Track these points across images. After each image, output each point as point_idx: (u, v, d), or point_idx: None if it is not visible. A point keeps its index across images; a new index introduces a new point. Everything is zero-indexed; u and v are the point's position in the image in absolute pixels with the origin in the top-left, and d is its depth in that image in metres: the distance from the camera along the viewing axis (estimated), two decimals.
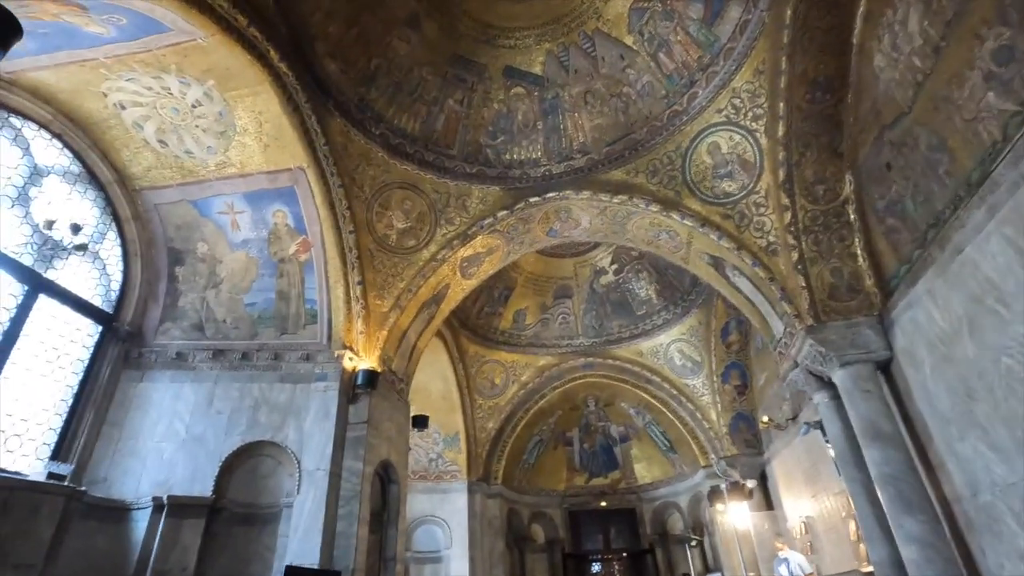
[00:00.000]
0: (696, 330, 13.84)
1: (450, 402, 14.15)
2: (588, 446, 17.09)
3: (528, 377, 15.42)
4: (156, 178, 7.76)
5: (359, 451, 7.43)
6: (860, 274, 7.30)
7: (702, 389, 14.20)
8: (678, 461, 15.80)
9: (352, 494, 7.13)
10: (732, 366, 13.59)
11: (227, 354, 7.75)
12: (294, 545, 6.56)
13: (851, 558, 8.79)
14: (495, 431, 15.06)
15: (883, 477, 6.35)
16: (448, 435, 14.29)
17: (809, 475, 10.39)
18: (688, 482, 15.42)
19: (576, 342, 15.57)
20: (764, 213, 7.96)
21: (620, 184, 9.12)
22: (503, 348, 15.12)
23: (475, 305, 14.49)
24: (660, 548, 15.59)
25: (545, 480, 16.71)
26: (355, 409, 7.77)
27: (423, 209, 9.10)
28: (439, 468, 14.15)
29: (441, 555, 13.18)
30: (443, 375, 13.82)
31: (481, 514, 13.92)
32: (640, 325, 14.99)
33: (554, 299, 15.53)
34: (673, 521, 16.04)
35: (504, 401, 15.23)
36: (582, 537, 16.46)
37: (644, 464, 16.67)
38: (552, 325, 15.60)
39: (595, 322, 15.54)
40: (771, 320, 8.35)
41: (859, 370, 6.94)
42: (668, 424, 15.51)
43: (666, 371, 14.77)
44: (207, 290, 8.13)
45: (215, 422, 7.25)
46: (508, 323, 15.28)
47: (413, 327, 9.35)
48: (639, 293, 14.84)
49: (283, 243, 8.19)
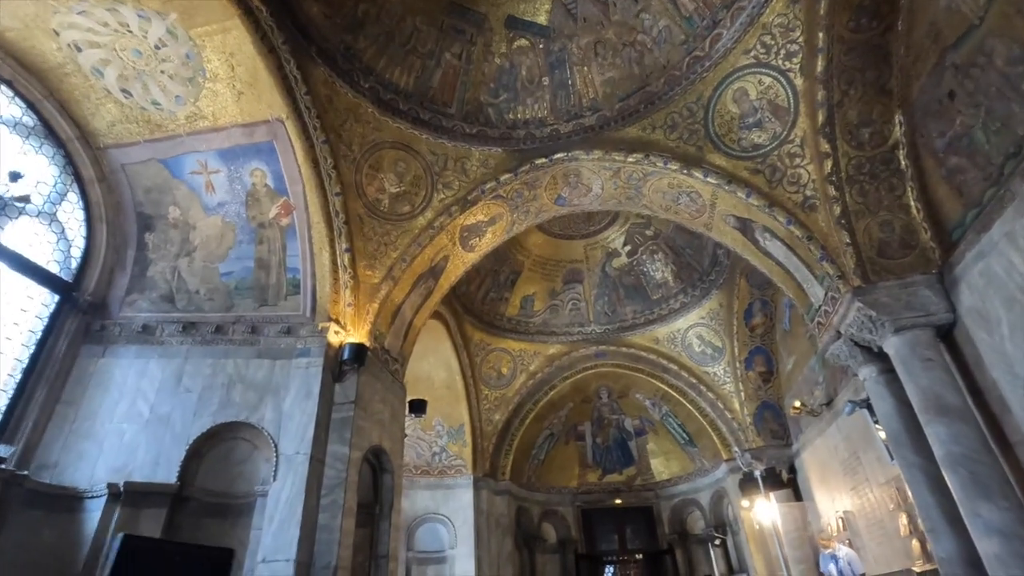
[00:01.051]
0: (716, 313, 12.89)
1: (454, 392, 13.31)
2: (601, 441, 16.15)
3: (537, 367, 14.54)
4: (122, 134, 7.02)
5: (345, 434, 6.60)
6: (914, 228, 6.37)
7: (724, 377, 13.23)
8: (698, 455, 14.81)
9: (336, 482, 6.30)
10: (756, 351, 12.62)
11: (199, 327, 6.98)
12: (267, 539, 5.74)
13: (901, 556, 7.81)
14: (502, 424, 14.19)
15: (951, 458, 5.41)
16: (452, 427, 13.44)
17: (848, 465, 9.41)
18: (709, 477, 14.43)
19: (587, 329, 14.67)
20: (800, 164, 7.05)
21: (635, 142, 8.26)
22: (510, 336, 14.26)
23: (480, 290, 13.66)
24: (679, 548, 14.60)
25: (556, 477, 15.80)
26: (341, 388, 6.95)
27: (418, 172, 8.29)
28: (443, 462, 13.30)
29: (445, 555, 12.32)
30: (446, 363, 12.99)
31: (488, 512, 13.05)
32: (656, 310, 14.06)
33: (564, 284, 14.66)
34: (693, 520, 15.05)
35: (512, 392, 14.35)
36: (596, 537, 15.52)
37: (661, 459, 15.70)
38: (562, 311, 14.72)
39: (608, 308, 14.64)
40: (808, 286, 7.42)
41: (917, 336, 6.01)
42: (687, 416, 14.54)
43: (684, 359, 13.83)
44: (179, 258, 7.38)
45: (183, 401, 6.47)
46: (515, 309, 14.42)
47: (409, 302, 8.53)
48: (654, 276, 13.92)
49: (262, 206, 7.41)
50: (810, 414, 10.04)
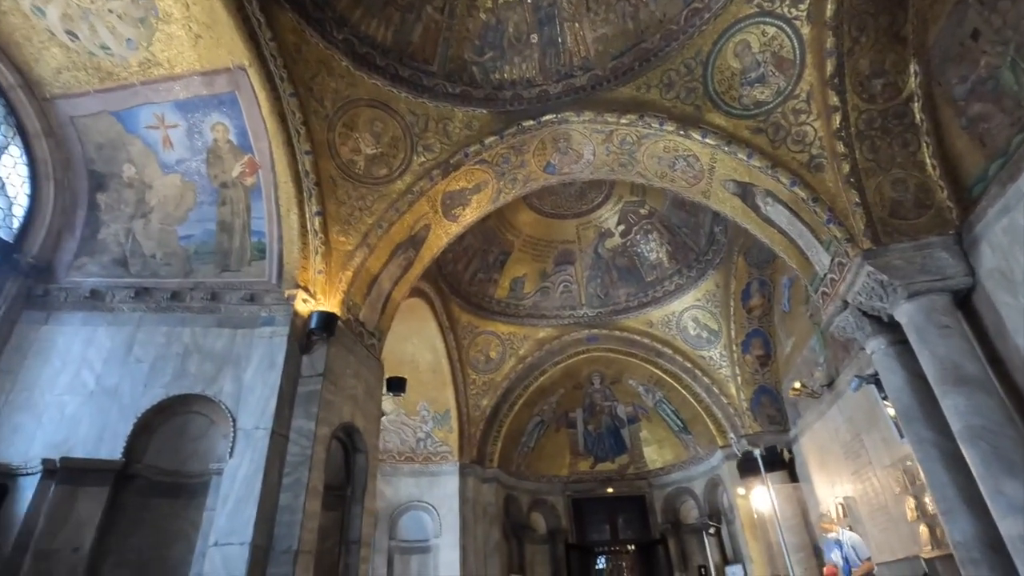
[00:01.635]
0: (713, 295, 12.42)
1: (440, 376, 12.79)
2: (593, 428, 15.69)
3: (527, 351, 14.04)
4: (70, 83, 6.41)
5: (311, 409, 6.07)
6: (930, 187, 5.88)
7: (719, 361, 12.77)
8: (692, 443, 14.37)
9: (300, 459, 5.77)
10: (753, 334, 12.16)
11: (154, 293, 6.41)
12: (221, 520, 5.21)
13: (907, 543, 7.37)
14: (490, 409, 13.68)
15: (971, 431, 4.94)
16: (438, 412, 12.93)
17: (849, 449, 8.96)
18: (703, 465, 13.99)
19: (579, 312, 14.17)
20: (806, 121, 6.54)
21: (629, 102, 7.73)
22: (499, 319, 13.74)
23: (467, 270, 13.12)
24: (672, 538, 14.18)
25: (546, 465, 15.33)
26: (309, 360, 6.41)
27: (396, 133, 7.73)
28: (428, 449, 12.79)
29: (429, 544, 11.83)
30: (432, 345, 12.46)
31: (474, 500, 12.56)
32: (650, 292, 13.58)
33: (555, 265, 14.15)
34: (687, 509, 14.62)
35: (500, 377, 13.85)
36: (587, 527, 15.07)
37: (654, 447, 15.26)
38: (553, 294, 14.21)
39: (600, 290, 14.14)
40: (813, 253, 6.92)
41: (933, 301, 5.53)
42: (681, 402, 14.09)
43: (679, 342, 13.36)
44: (134, 220, 6.80)
45: (133, 372, 5.91)
46: (504, 291, 13.90)
47: (387, 273, 7.99)
48: (648, 256, 13.43)
49: (225, 164, 6.83)
50: (810, 396, 9.59)
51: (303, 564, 5.35)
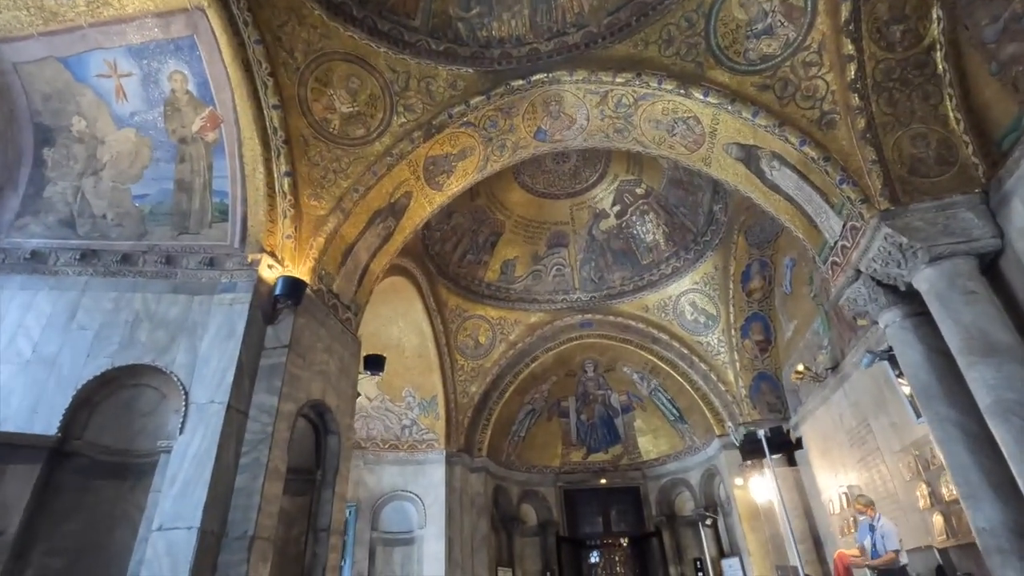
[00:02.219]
0: (711, 278, 11.92)
1: (427, 360, 12.25)
2: (586, 417, 15.20)
3: (517, 336, 13.52)
4: (10, 24, 5.80)
5: (275, 382, 5.53)
6: (953, 142, 5.38)
7: (717, 347, 12.28)
8: (688, 432, 13.90)
9: (260, 437, 5.23)
10: (753, 318, 11.67)
11: (102, 256, 5.84)
12: (167, 503, 4.66)
13: (918, 532, 6.90)
14: (479, 396, 13.16)
15: (1002, 406, 4.45)
16: (424, 399, 12.40)
17: (855, 435, 8.49)
18: (700, 455, 13.53)
19: (572, 297, 13.65)
20: (817, 74, 6.02)
21: (625, 60, 7.18)
22: (489, 302, 13.21)
23: (456, 251, 12.57)
24: (667, 531, 13.73)
25: (537, 455, 14.84)
26: (274, 331, 5.86)
27: (375, 91, 7.17)
28: (413, 436, 12.27)
29: (414, 535, 11.31)
30: (418, 328, 11.92)
31: (462, 490, 12.05)
32: (646, 276, 13.07)
33: (547, 248, 13.62)
34: (682, 500, 14.17)
35: (490, 363, 13.32)
36: (579, 519, 14.60)
37: (649, 437, 14.78)
38: (545, 278, 13.69)
39: (594, 274, 13.63)
40: (823, 219, 6.41)
41: (957, 266, 5.03)
42: (677, 390, 13.61)
43: (675, 327, 12.86)
44: (84, 178, 6.21)
45: (75, 340, 5.35)
46: (495, 274, 13.37)
47: (363, 243, 7.43)
48: (645, 238, 12.92)
49: (184, 117, 6.25)
50: (814, 379, 9.11)
51: (260, 551, 4.81)
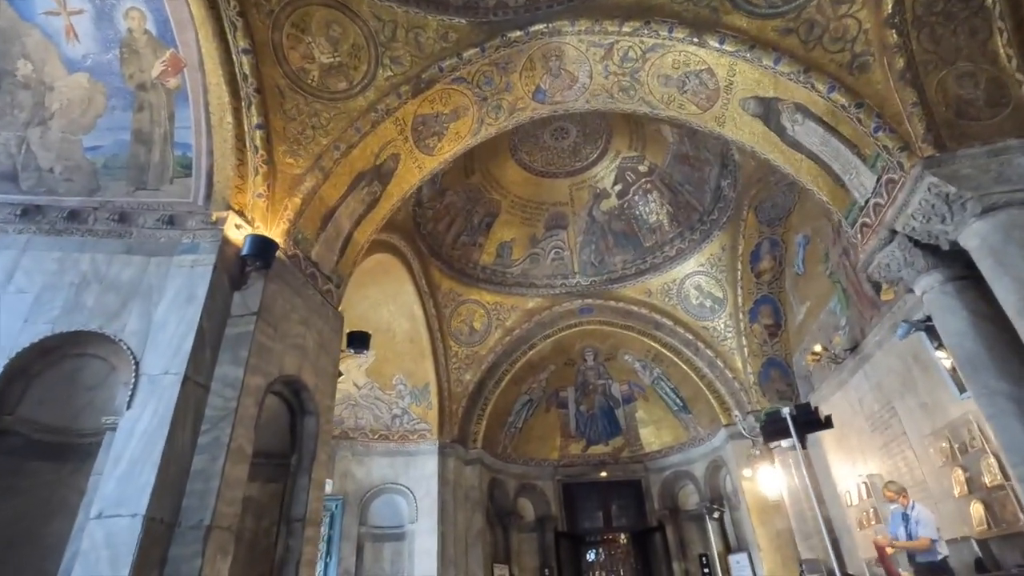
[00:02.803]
0: (718, 259, 11.33)
1: (419, 347, 11.62)
2: (586, 408, 14.60)
3: (514, 322, 12.90)
4: None
5: (241, 353, 4.90)
6: (1004, 81, 4.81)
7: (724, 332, 11.70)
8: (692, 423, 13.32)
9: (222, 414, 4.60)
10: (762, 301, 11.10)
11: (47, 212, 5.20)
12: (109, 486, 4.03)
13: (954, 522, 6.32)
14: (474, 385, 12.55)
15: None
16: (416, 387, 11.77)
17: (878, 420, 7.91)
18: (705, 447, 12.94)
19: (572, 281, 13.05)
20: (847, 12, 5.41)
21: (632, 7, 6.55)
22: (484, 287, 12.59)
23: (449, 231, 11.94)
24: (670, 525, 13.14)
25: (535, 447, 14.23)
26: (242, 298, 5.23)
27: (358, 40, 6.52)
28: (404, 426, 11.63)
29: (404, 530, 10.69)
30: (409, 312, 11.28)
31: (455, 482, 11.43)
32: (648, 259, 12.48)
33: (546, 230, 13.01)
34: (686, 494, 13.58)
35: (485, 350, 12.71)
36: (578, 514, 14.01)
37: (651, 428, 14.19)
38: (543, 261, 13.08)
39: (594, 257, 13.03)
40: (852, 177, 5.80)
41: (1013, 217, 4.45)
42: (681, 378, 13.03)
43: (679, 313, 12.27)
44: (29, 128, 5.54)
45: (11, 305, 4.70)
46: (490, 257, 12.75)
47: (346, 208, 6.79)
48: (648, 219, 12.33)
49: (142, 61, 5.59)
50: (832, 361, 8.53)
51: (218, 543, 4.18)
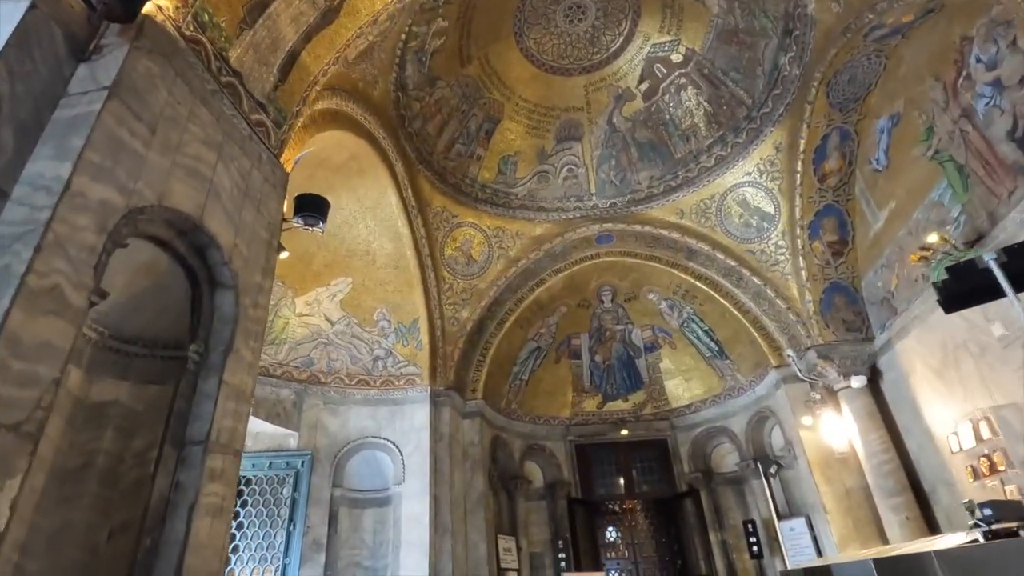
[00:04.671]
0: (770, 163, 9.27)
1: (405, 275, 9.55)
2: (602, 359, 12.60)
3: (519, 251, 10.85)
4: None
5: (73, 142, 2.80)
6: None
7: (775, 254, 9.69)
8: (730, 370, 11.34)
9: (20, 230, 2.51)
10: (826, 212, 9.06)
11: None
12: None
13: None
14: (473, 324, 10.51)
15: None
16: (402, 323, 9.72)
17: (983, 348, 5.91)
18: (746, 397, 10.97)
19: (588, 204, 11.00)
20: None
21: None
22: (484, 208, 10.52)
23: (441, 134, 9.81)
24: (703, 490, 11.21)
25: (543, 404, 12.24)
26: (90, 70, 3.12)
27: None
28: (388, 370, 9.59)
29: (389, 493, 8.70)
30: (393, 230, 9.18)
31: (451, 437, 9.42)
32: (680, 172, 10.42)
33: (557, 142, 10.92)
34: (721, 454, 11.66)
35: (485, 283, 10.66)
36: (594, 479, 12.06)
37: (679, 380, 12.22)
38: (554, 180, 11.00)
39: (615, 174, 10.96)
40: None
41: None
42: (718, 317, 11.03)
43: (719, 235, 10.24)
44: None
45: None
46: (491, 173, 10.66)
47: (288, 8, 4.64)
48: (680, 123, 10.25)
49: None
50: (948, 255, 6.45)
51: None
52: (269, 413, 8.32)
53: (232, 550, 7.55)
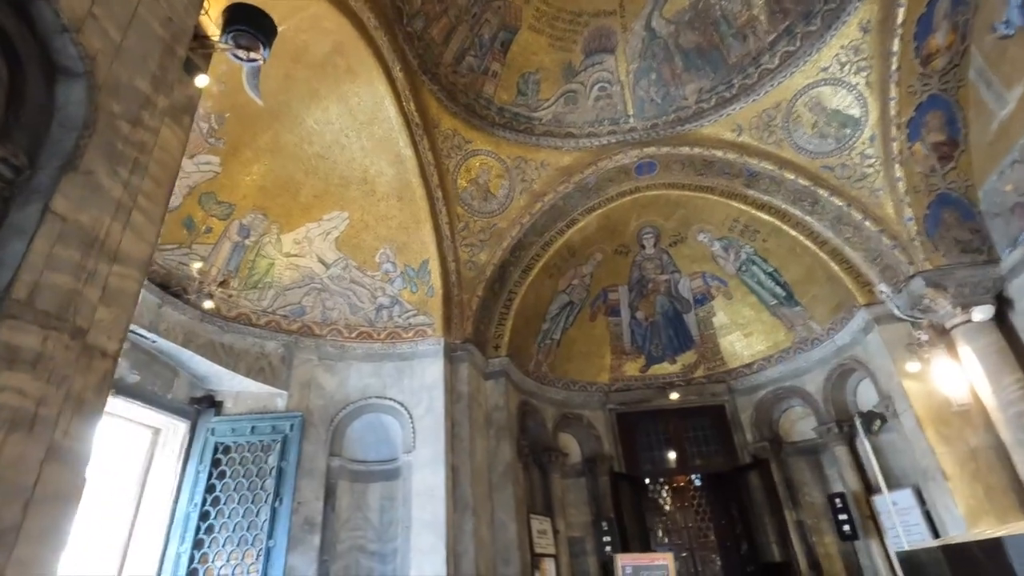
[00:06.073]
0: (855, 51, 7.46)
1: (411, 207, 8.06)
2: (644, 315, 10.93)
3: (544, 185, 9.26)
4: None
5: None
6: None
7: (861, 167, 7.88)
8: (802, 318, 9.54)
9: None
10: (930, 105, 7.21)
11: None
12: None
13: None
14: (494, 270, 8.97)
15: None
16: (409, 265, 8.23)
17: None
18: (823, 348, 9.16)
19: (624, 127, 9.33)
20: None
21: None
22: (503, 134, 8.94)
23: (448, 42, 8.25)
24: (774, 462, 9.46)
25: (578, 368, 10.65)
26: None
27: None
28: (394, 320, 8.13)
29: (399, 464, 7.24)
30: (393, 151, 7.69)
31: (471, 398, 7.90)
32: (736, 80, 8.66)
33: (586, 56, 9.27)
34: (791, 419, 9.89)
35: (506, 222, 9.11)
36: (639, 452, 10.42)
37: (737, 336, 10.47)
38: (583, 101, 9.36)
39: (655, 90, 9.24)
40: None
41: None
42: (786, 254, 9.25)
43: (786, 151, 8.46)
44: None
45: None
46: (510, 94, 9.07)
47: None
48: (735, 20, 8.49)
49: None
50: None
51: None
52: (251, 368, 6.94)
53: (206, 530, 6.18)
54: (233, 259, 7.10)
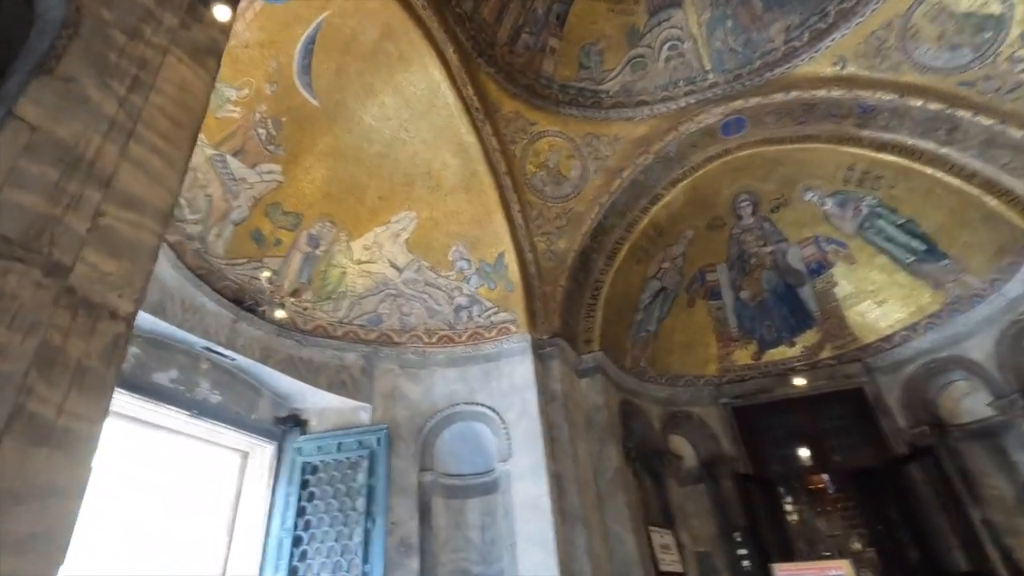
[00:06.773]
0: None
1: (480, 198, 7.53)
2: (750, 295, 9.68)
3: (620, 160, 8.44)
4: None
5: None
6: None
7: (1012, 73, 6.44)
8: (951, 272, 7.94)
9: None
10: None
11: None
12: None
13: None
14: (575, 257, 8.21)
15: None
16: (484, 261, 7.66)
17: None
18: (988, 305, 7.51)
19: (703, 84, 8.37)
20: None
21: None
22: (569, 111, 8.29)
23: (501, 21, 7.76)
24: (942, 449, 7.81)
25: (680, 360, 9.55)
26: None
27: None
28: (474, 320, 7.54)
29: (496, 475, 6.53)
30: (455, 140, 7.23)
31: (566, 397, 7.10)
32: (831, 6, 7.49)
33: (650, 15, 8.48)
34: (954, 396, 8.19)
35: (583, 204, 8.36)
36: (765, 450, 9.07)
37: (868, 304, 8.95)
38: (653, 65, 8.52)
39: (734, 39, 8.24)
40: None
41: None
42: (920, 200, 7.79)
43: (907, 74, 7.13)
44: None
45: None
46: (571, 70, 8.43)
47: None
48: None
49: None
50: None
51: None
52: (332, 382, 6.57)
53: (300, 557, 5.76)
54: (305, 271, 6.84)
